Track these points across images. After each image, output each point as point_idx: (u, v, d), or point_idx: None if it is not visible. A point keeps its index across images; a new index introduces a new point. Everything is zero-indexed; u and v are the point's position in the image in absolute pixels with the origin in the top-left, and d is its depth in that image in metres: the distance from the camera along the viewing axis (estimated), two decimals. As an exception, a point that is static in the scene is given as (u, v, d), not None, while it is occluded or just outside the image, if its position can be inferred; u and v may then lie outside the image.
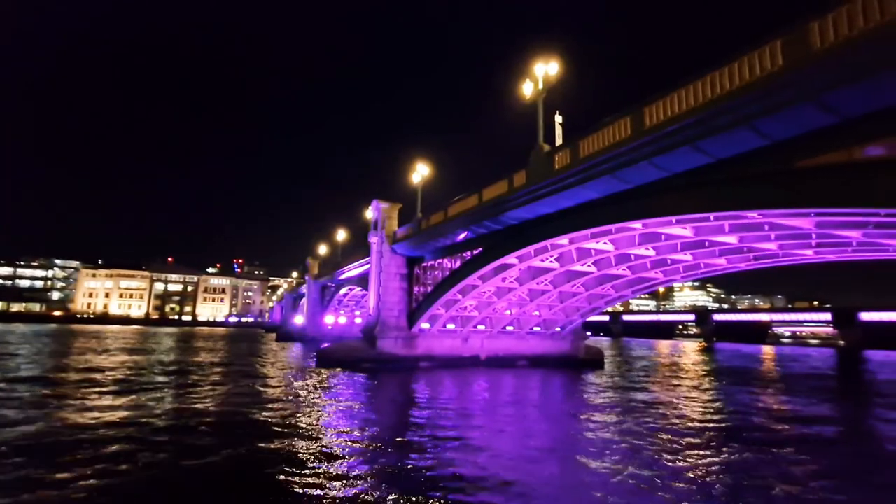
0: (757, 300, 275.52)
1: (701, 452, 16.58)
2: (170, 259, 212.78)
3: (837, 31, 12.13)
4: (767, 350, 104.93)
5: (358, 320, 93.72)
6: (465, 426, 19.91)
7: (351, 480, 12.58)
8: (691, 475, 13.90)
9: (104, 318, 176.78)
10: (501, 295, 42.37)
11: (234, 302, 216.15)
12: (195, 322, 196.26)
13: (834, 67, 12.14)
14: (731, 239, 26.95)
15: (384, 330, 44.38)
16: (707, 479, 13.58)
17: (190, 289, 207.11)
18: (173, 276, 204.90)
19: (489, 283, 38.97)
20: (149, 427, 18.17)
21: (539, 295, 43.00)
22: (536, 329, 50.12)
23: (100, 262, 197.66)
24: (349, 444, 16.34)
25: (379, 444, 16.29)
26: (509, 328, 49.01)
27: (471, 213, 33.22)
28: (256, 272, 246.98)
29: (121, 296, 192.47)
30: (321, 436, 17.43)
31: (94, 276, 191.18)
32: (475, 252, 36.79)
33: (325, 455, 14.81)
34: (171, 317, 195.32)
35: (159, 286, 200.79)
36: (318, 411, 22.50)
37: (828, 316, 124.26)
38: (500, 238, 33.24)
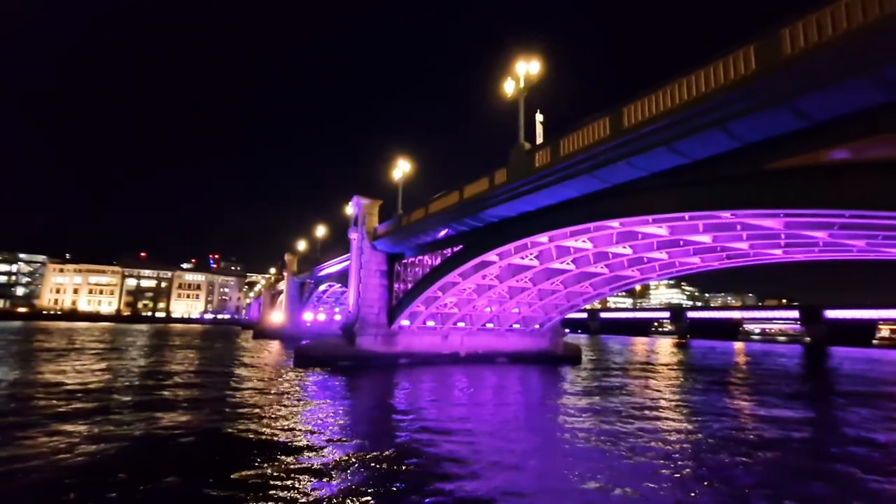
0: (729, 298, 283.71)
1: (674, 448, 17.03)
2: (142, 254, 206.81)
3: (807, 37, 12.50)
4: (739, 346, 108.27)
5: (337, 317, 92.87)
6: (445, 430, 19.51)
7: (324, 491, 12.15)
8: (665, 473, 14.25)
9: (72, 315, 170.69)
10: (481, 292, 42.53)
11: (209, 298, 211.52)
12: (169, 319, 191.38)
13: (803, 73, 12.51)
14: (705, 238, 27.62)
15: (364, 327, 44.08)
16: (679, 477, 13.96)
17: (164, 284, 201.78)
18: (146, 272, 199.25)
19: (469, 281, 39.06)
20: (113, 430, 17.64)
21: (519, 292, 43.33)
22: (516, 326, 50.52)
23: (68, 256, 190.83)
24: (322, 450, 15.87)
25: (354, 451, 15.84)
26: (489, 325, 49.28)
27: (452, 211, 33.21)
28: (233, 268, 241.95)
29: (90, 291, 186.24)
30: (295, 440, 17.01)
31: (61, 270, 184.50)
32: (456, 249, 36.82)
33: (299, 463, 14.41)
34: (143, 313, 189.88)
35: (131, 282, 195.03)
36: (294, 413, 22.11)
37: (795, 313, 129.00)
38: (480, 235, 33.34)
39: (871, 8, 11.11)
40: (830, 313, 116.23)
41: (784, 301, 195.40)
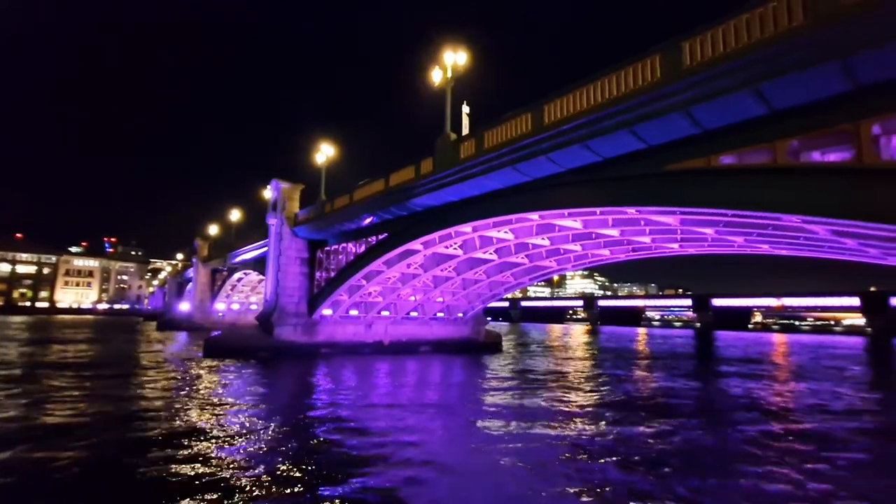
0: (634, 288, 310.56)
1: (584, 425, 18.35)
2: (18, 235, 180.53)
3: (703, 52, 13.78)
4: (641, 332, 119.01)
5: (254, 307, 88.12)
6: (362, 418, 19.31)
7: (226, 491, 11.47)
8: (581, 452, 15.30)
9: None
10: (406, 281, 42.47)
11: (104, 286, 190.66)
12: (54, 309, 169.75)
13: (697, 84, 13.79)
14: (614, 232, 29.77)
15: (282, 317, 42.21)
16: (591, 450, 15.08)
17: (46, 271, 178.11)
18: (23, 256, 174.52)
19: (394, 269, 38.80)
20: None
21: (443, 281, 43.86)
22: (440, 315, 51.17)
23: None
24: (227, 446, 14.97)
25: (262, 446, 15.08)
26: (413, 314, 49.43)
27: (377, 199, 32.66)
28: (133, 253, 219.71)
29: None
30: (196, 437, 15.88)
31: None
32: (381, 237, 36.33)
33: (201, 460, 13.51)
34: (21, 303, 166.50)
35: (4, 267, 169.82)
36: (198, 408, 20.60)
37: (689, 302, 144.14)
38: (405, 224, 33.16)
39: (753, 30, 12.49)
40: (717, 301, 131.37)
41: (680, 290, 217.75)
